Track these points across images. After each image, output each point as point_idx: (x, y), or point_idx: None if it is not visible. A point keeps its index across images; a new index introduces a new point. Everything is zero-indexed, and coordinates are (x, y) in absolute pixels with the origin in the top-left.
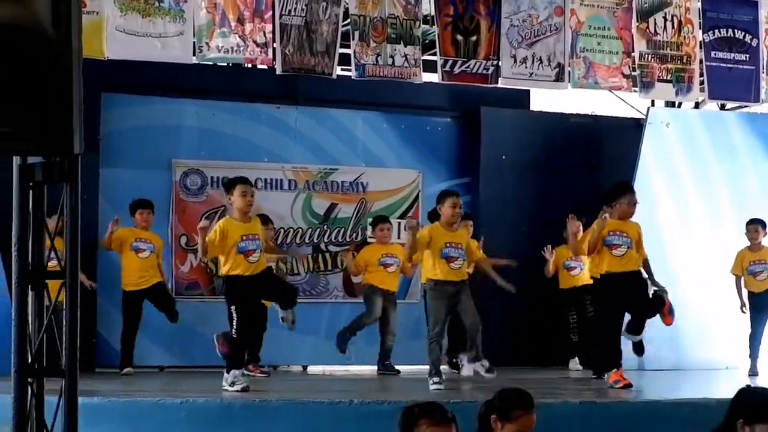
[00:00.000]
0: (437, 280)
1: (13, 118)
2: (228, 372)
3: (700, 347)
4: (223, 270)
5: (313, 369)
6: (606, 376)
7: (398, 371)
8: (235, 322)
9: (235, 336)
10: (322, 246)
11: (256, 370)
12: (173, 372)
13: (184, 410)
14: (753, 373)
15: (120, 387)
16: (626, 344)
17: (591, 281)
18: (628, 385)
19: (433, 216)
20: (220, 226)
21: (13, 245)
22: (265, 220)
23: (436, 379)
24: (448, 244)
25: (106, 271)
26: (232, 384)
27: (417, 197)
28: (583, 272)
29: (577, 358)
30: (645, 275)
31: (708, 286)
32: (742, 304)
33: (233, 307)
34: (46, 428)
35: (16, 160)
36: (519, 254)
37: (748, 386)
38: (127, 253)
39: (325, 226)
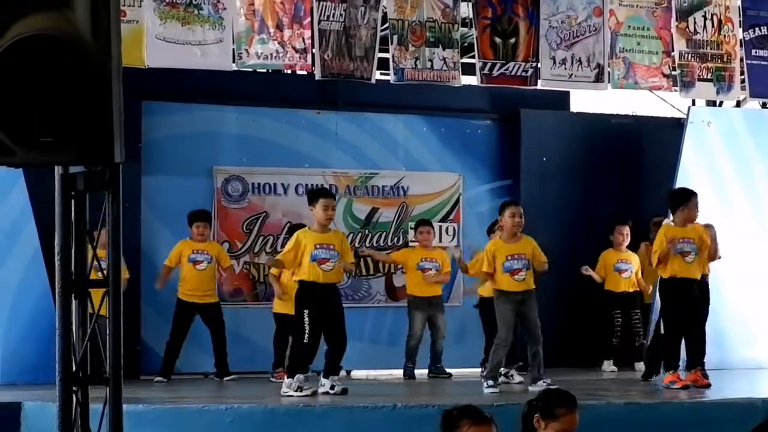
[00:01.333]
0: (502, 290)
1: (53, 128)
2: (292, 377)
3: (744, 346)
4: (296, 276)
5: (357, 373)
6: (663, 375)
7: (450, 374)
8: (307, 327)
9: (306, 341)
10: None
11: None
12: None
13: (229, 416)
14: None
15: (165, 394)
16: None
17: (637, 288)
18: (686, 386)
19: (490, 231)
20: (297, 237)
21: (56, 255)
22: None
23: (491, 382)
24: (509, 257)
25: (150, 280)
26: (299, 389)
27: (458, 200)
28: (632, 275)
29: (611, 360)
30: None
31: (752, 284)
32: None
33: (306, 312)
34: None
35: (57, 170)
36: (561, 256)
37: None
38: (185, 264)
39: (367, 231)
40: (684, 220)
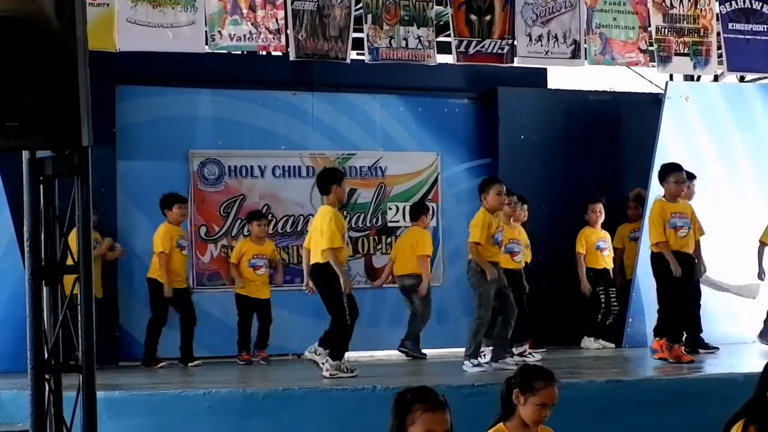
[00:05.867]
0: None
1: (19, 113)
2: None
3: (726, 322)
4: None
5: None
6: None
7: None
8: (348, 310)
9: (349, 323)
10: None
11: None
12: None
13: (207, 401)
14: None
15: (143, 380)
16: None
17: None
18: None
19: None
20: (336, 216)
21: (25, 240)
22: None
23: (475, 362)
24: (500, 228)
25: (127, 265)
26: (346, 369)
27: (436, 180)
28: (611, 253)
29: (593, 338)
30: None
31: (732, 259)
32: (761, 272)
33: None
34: (65, 424)
35: (25, 155)
36: (540, 234)
37: None
38: (173, 250)
39: (345, 212)
40: (670, 194)
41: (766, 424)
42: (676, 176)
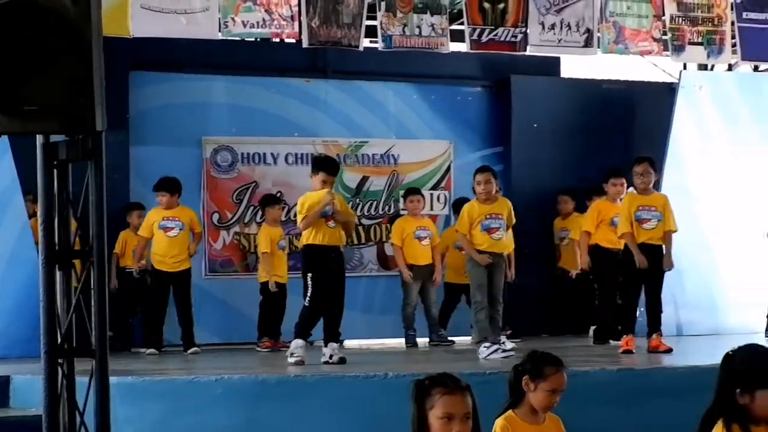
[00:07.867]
0: (479, 250)
1: (34, 97)
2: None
3: (737, 311)
4: (304, 239)
5: (349, 343)
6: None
7: (452, 341)
8: (310, 292)
9: (308, 305)
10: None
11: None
12: (208, 350)
13: (219, 387)
14: None
15: (155, 366)
16: None
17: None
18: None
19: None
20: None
21: (39, 224)
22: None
23: (487, 344)
24: (488, 216)
25: None
26: (291, 354)
27: (449, 168)
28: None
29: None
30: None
31: (744, 249)
32: None
33: (309, 276)
34: (77, 409)
35: (39, 139)
36: (551, 222)
37: (733, 350)
38: (156, 232)
39: (358, 200)
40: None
41: (746, 421)
42: (614, 180)
